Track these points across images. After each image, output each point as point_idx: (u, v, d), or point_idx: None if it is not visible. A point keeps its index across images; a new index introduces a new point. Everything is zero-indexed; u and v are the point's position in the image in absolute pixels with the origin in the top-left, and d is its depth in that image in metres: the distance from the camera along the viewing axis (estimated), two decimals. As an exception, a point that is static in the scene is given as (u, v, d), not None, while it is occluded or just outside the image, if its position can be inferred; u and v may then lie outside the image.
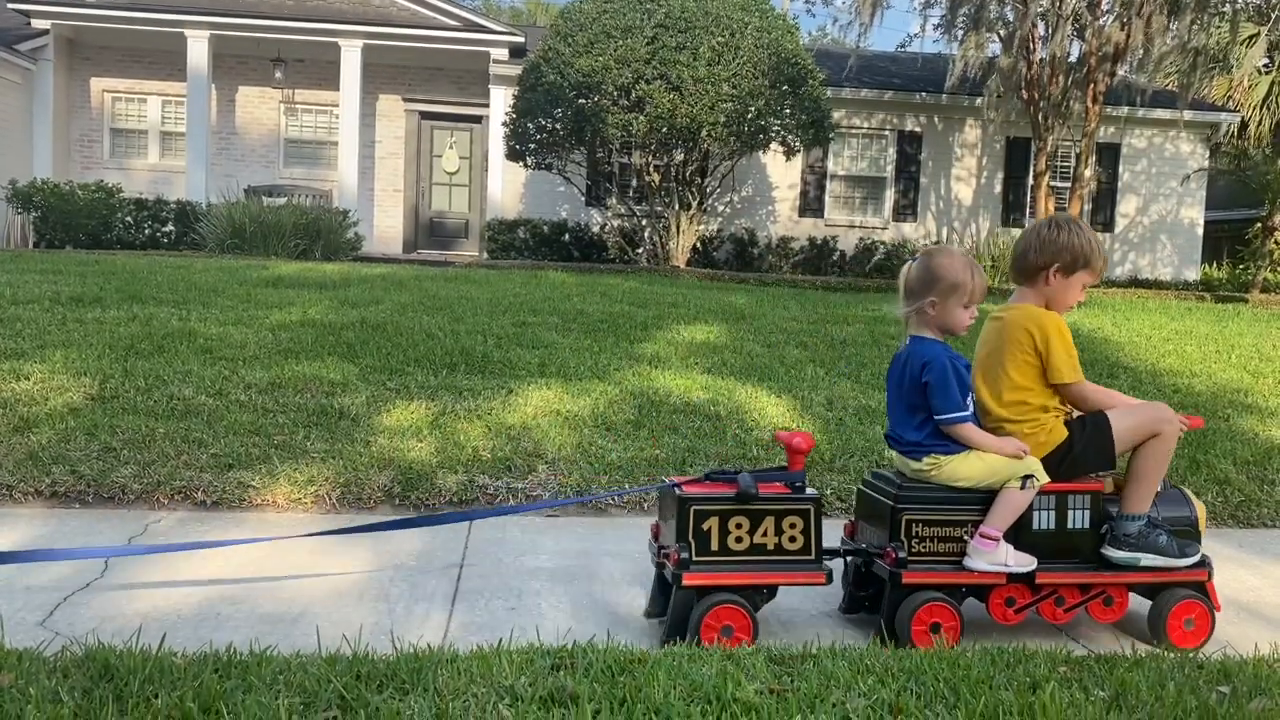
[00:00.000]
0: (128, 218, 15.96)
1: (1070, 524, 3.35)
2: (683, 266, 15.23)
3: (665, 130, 14.12)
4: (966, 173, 18.97)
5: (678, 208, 15.55)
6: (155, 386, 5.58)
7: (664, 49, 13.91)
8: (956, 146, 18.94)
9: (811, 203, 18.69)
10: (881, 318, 9.58)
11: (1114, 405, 3.44)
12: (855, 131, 18.74)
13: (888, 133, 18.83)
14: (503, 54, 17.42)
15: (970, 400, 3.31)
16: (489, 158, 18.06)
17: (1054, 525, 3.34)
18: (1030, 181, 18.02)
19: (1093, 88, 15.88)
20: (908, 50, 24.25)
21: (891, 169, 18.83)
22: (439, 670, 2.53)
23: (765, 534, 3.15)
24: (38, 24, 17.15)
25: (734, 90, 14.04)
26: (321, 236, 14.14)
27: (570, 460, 4.98)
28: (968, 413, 3.26)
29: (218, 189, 16.21)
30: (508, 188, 17.92)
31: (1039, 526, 3.32)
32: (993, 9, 16.25)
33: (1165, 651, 3.10)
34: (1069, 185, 17.01)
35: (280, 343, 6.75)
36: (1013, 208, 18.90)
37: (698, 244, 16.54)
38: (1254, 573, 4.21)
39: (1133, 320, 10.61)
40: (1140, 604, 3.49)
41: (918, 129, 18.82)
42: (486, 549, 4.05)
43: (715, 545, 3.12)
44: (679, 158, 15.32)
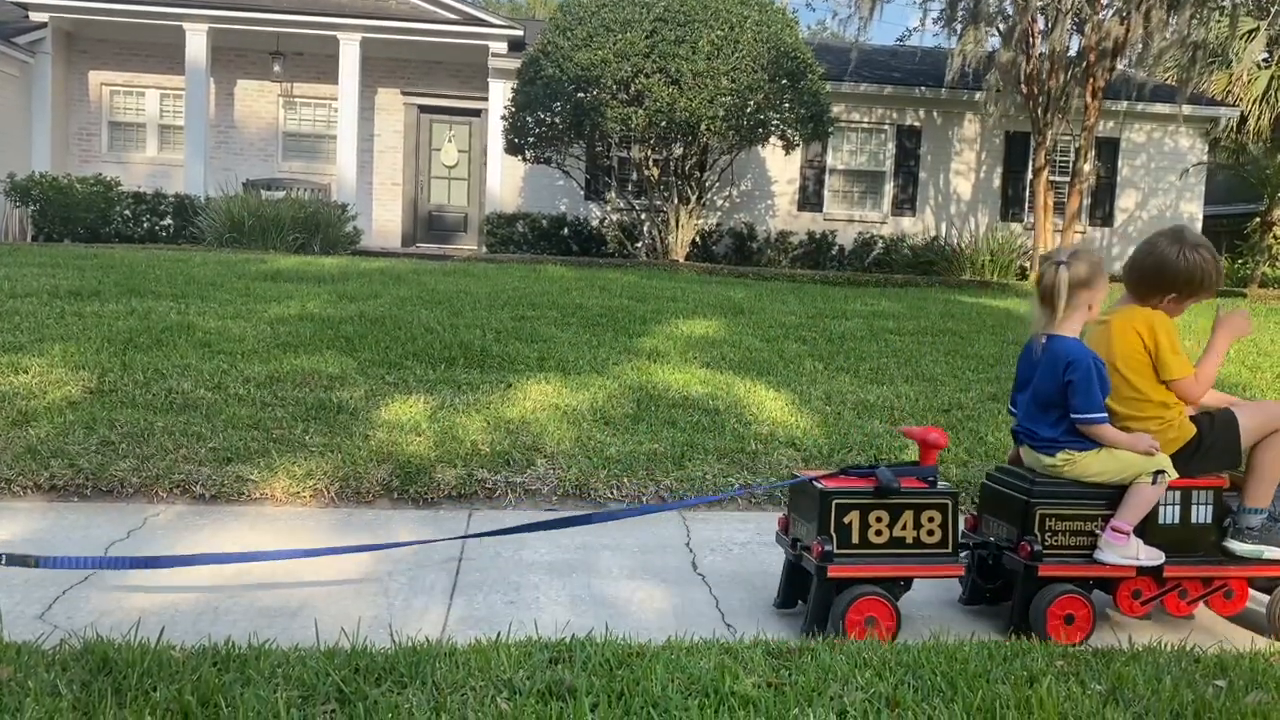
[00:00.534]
0: (126, 211, 15.93)
1: (1194, 518, 3.46)
2: (682, 261, 15.22)
3: (664, 124, 14.10)
4: (966, 167, 18.96)
5: (677, 202, 15.53)
6: (154, 380, 5.58)
7: (663, 42, 13.89)
8: (956, 141, 18.92)
9: (810, 197, 18.68)
10: (880, 312, 9.58)
11: (1226, 400, 3.59)
12: (854, 126, 18.72)
13: (887, 127, 18.80)
14: (502, 47, 17.38)
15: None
16: (488, 151, 18.03)
17: (1179, 520, 3.44)
18: (1029, 176, 18.01)
19: (1092, 82, 15.86)
20: (907, 44, 24.22)
21: (891, 163, 18.82)
22: (437, 664, 2.54)
23: (904, 527, 3.25)
24: (36, 17, 17.11)
25: (733, 84, 14.02)
26: (320, 230, 14.12)
27: (569, 454, 4.98)
28: (1106, 414, 3.37)
29: (216, 183, 16.18)
30: (506, 181, 17.89)
31: (1165, 521, 3.43)
32: (992, 3, 16.22)
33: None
34: (1068, 180, 16.99)
35: (279, 336, 6.75)
36: (1012, 202, 18.89)
37: (697, 238, 16.52)
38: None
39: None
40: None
41: (917, 123, 18.79)
42: (485, 544, 4.05)
43: (856, 538, 3.22)
44: (678, 151, 15.30)
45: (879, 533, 3.22)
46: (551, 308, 8.54)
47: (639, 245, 16.52)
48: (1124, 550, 3.31)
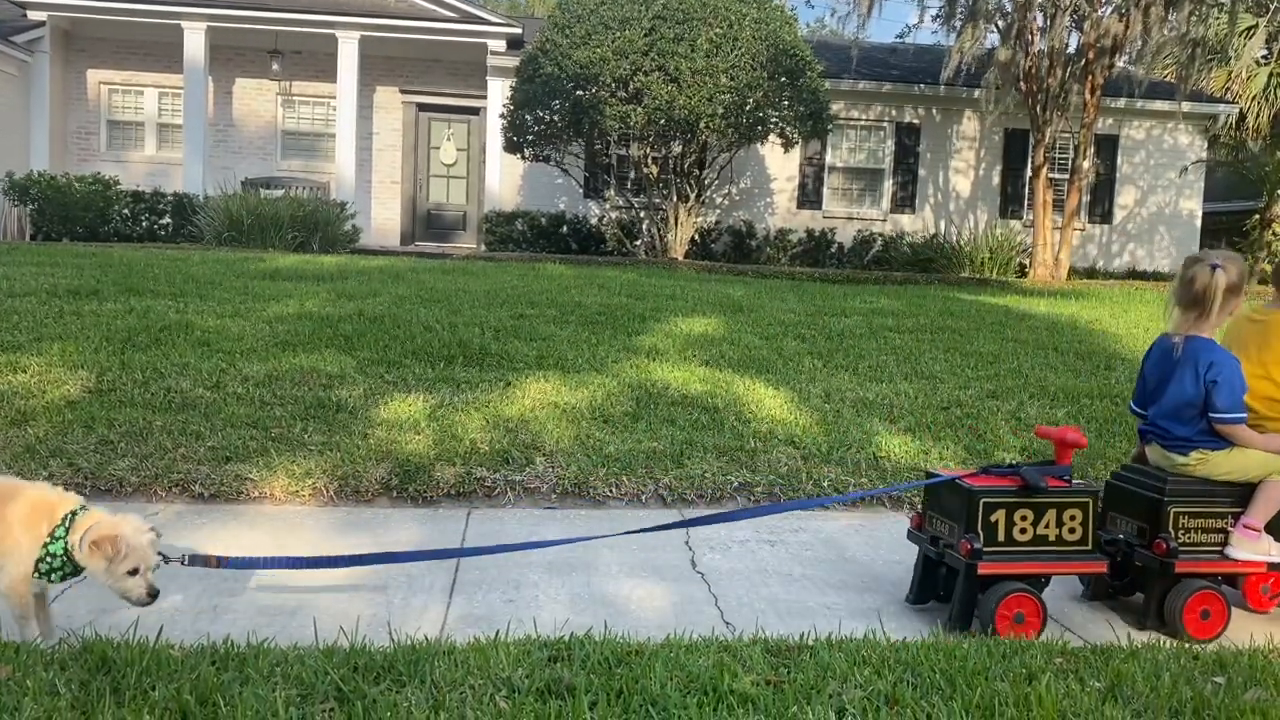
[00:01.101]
0: (125, 210, 15.92)
1: None
2: (681, 258, 15.22)
3: (663, 122, 14.10)
4: (965, 165, 18.95)
5: (676, 200, 15.53)
6: (153, 379, 5.58)
7: (662, 40, 13.88)
8: (955, 138, 18.91)
9: (810, 195, 18.67)
10: (879, 310, 9.58)
11: None
12: (853, 123, 18.71)
13: (886, 124, 18.80)
14: (500, 45, 17.37)
15: None
16: (486, 150, 18.02)
17: None
18: (1028, 173, 18.00)
19: (1091, 79, 15.85)
20: (906, 42, 24.19)
21: (890, 161, 18.81)
22: (436, 662, 2.54)
23: (1047, 525, 3.33)
24: (34, 16, 17.09)
25: (732, 82, 14.01)
26: (319, 229, 14.11)
27: (568, 452, 4.98)
28: (1245, 414, 3.46)
29: (215, 181, 16.17)
30: (505, 180, 17.89)
31: None
32: (990, 0, 16.21)
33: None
34: (1067, 177, 16.98)
35: (278, 335, 6.75)
36: (1011, 200, 18.88)
37: (696, 236, 16.51)
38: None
39: (1130, 311, 10.61)
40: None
41: (916, 121, 18.78)
42: (484, 541, 4.05)
43: (1002, 536, 3.30)
44: (677, 149, 15.29)
45: (1023, 530, 3.32)
46: (550, 306, 8.53)
47: (638, 243, 16.51)
48: (1256, 546, 3.43)
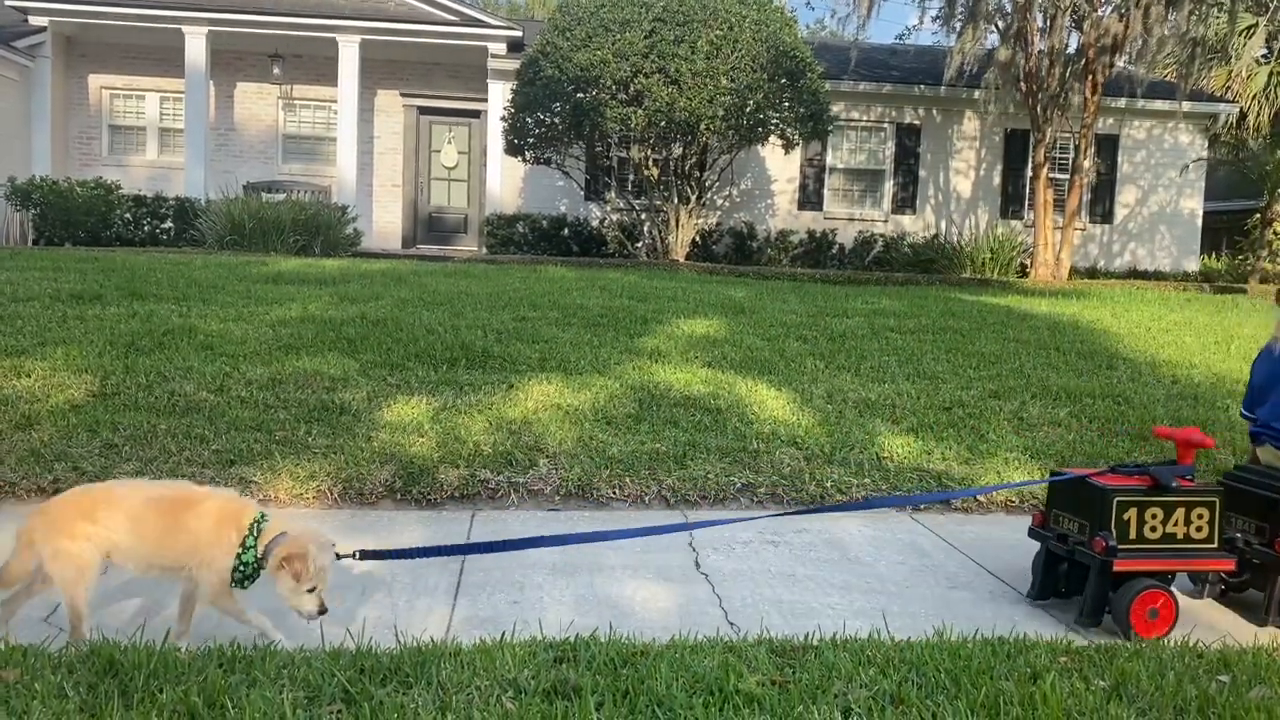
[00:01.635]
0: (127, 214, 15.93)
1: None
2: (682, 260, 15.22)
3: (664, 124, 14.10)
4: (965, 165, 18.95)
5: (677, 201, 15.53)
6: (156, 383, 5.59)
7: (662, 42, 13.89)
8: (955, 139, 18.91)
9: (811, 196, 18.67)
10: (881, 310, 9.58)
11: None
12: (854, 124, 18.71)
13: (886, 125, 18.80)
14: (500, 48, 17.38)
15: None
16: (487, 152, 18.02)
17: None
18: (1029, 173, 17.99)
19: (1091, 79, 15.85)
20: (906, 43, 24.22)
21: (890, 162, 18.80)
22: (442, 664, 2.54)
23: (1176, 523, 3.44)
24: (35, 21, 17.10)
25: (732, 83, 14.01)
26: (321, 232, 14.11)
27: (571, 454, 4.99)
28: None
29: (216, 185, 16.17)
30: (506, 182, 17.89)
31: None
32: (990, 1, 16.21)
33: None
34: (1068, 177, 16.98)
35: (281, 339, 6.75)
36: (1012, 199, 18.88)
37: (697, 238, 16.51)
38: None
39: (1132, 311, 10.61)
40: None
41: (916, 121, 18.78)
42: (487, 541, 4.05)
43: (1133, 534, 3.41)
44: (678, 151, 15.29)
45: (1154, 528, 3.42)
46: (552, 308, 8.54)
47: (639, 245, 16.52)
48: None
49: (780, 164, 18.19)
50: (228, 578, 2.84)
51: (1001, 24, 16.34)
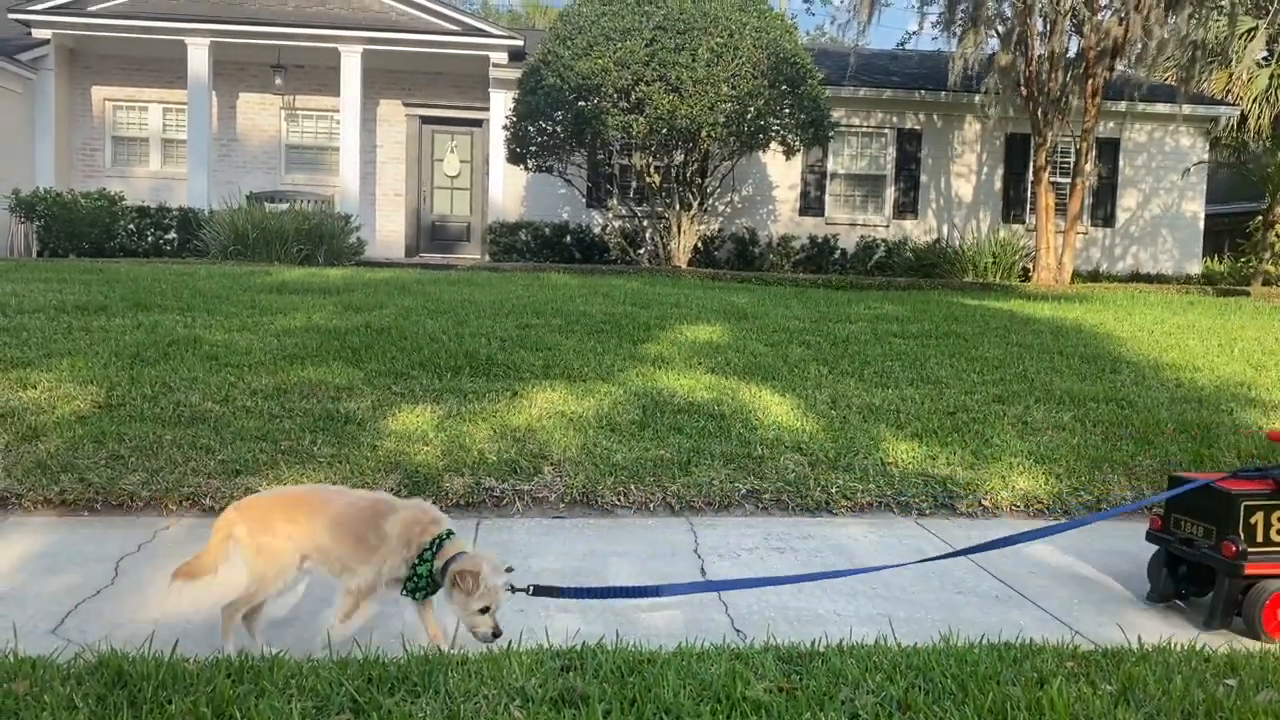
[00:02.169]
0: (130, 225, 15.98)
1: None
2: (684, 266, 15.24)
3: (665, 131, 14.13)
4: (966, 169, 18.97)
5: (678, 208, 15.56)
6: (162, 394, 5.60)
7: (663, 50, 13.93)
8: (956, 144, 18.94)
9: (812, 202, 18.70)
10: (883, 315, 9.58)
11: None
12: (855, 130, 18.74)
13: (887, 131, 18.83)
14: (502, 58, 17.44)
15: None
16: (490, 161, 18.07)
17: None
18: (1030, 177, 18.01)
19: (1091, 83, 15.88)
20: (906, 48, 24.26)
21: (891, 167, 18.84)
22: (450, 673, 2.55)
23: None
24: (38, 34, 17.18)
25: (733, 90, 14.05)
26: (324, 242, 14.15)
27: (576, 461, 4.99)
28: None
29: (220, 196, 16.23)
30: (509, 191, 17.94)
31: None
32: (990, 6, 16.24)
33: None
34: (1069, 180, 16.99)
35: (285, 348, 6.77)
36: (1013, 204, 18.90)
37: (699, 244, 16.54)
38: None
39: (1134, 314, 10.61)
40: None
41: (917, 127, 18.82)
42: (494, 551, 4.05)
43: (1260, 537, 3.47)
44: (679, 158, 15.33)
45: (1279, 531, 3.47)
46: (556, 315, 8.55)
47: (641, 252, 16.55)
48: None
49: (782, 170, 18.23)
50: (378, 583, 2.94)
51: (1002, 29, 16.37)
